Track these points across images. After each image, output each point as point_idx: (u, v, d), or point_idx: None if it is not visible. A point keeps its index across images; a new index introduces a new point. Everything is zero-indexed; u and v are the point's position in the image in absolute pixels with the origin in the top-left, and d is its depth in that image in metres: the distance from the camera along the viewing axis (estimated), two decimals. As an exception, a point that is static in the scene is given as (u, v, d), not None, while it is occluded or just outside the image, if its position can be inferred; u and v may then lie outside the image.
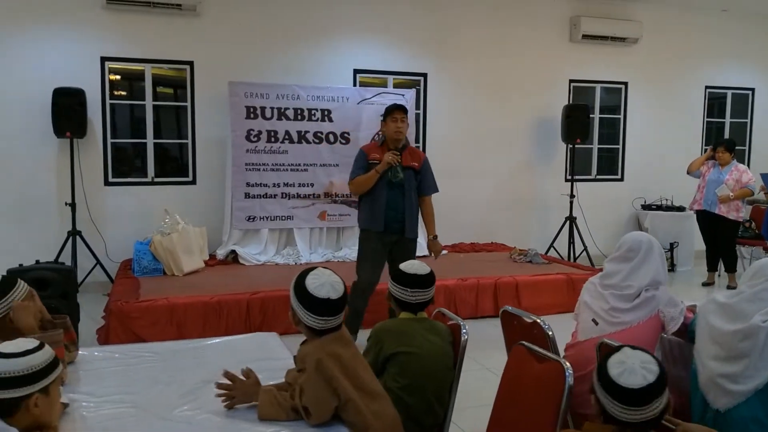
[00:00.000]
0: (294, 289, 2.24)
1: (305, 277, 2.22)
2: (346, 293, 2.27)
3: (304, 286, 2.20)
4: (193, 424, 2.05)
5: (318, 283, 2.20)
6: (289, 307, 2.26)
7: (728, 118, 9.86)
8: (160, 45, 7.29)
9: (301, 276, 2.25)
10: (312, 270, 2.27)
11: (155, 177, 7.50)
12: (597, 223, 8.88)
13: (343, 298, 2.24)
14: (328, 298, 2.18)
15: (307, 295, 2.18)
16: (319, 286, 2.19)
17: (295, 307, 2.22)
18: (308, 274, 2.24)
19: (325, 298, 2.18)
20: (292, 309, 2.24)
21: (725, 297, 2.73)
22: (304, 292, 2.19)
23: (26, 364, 1.79)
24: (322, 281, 2.21)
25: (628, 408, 1.75)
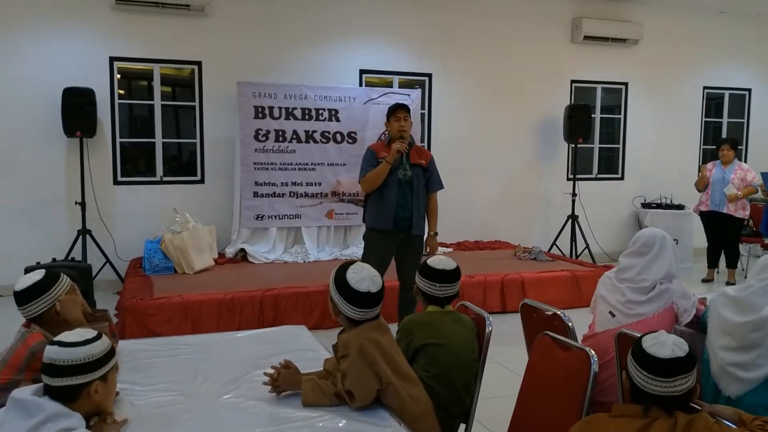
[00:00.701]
0: (335, 283, 2.34)
1: (345, 272, 2.33)
2: (384, 286, 2.37)
3: (345, 280, 2.31)
4: (241, 411, 2.15)
5: (359, 278, 2.31)
6: (329, 300, 2.36)
7: (726, 118, 10.00)
8: (169, 45, 7.37)
9: (341, 271, 2.35)
10: (351, 264, 2.37)
11: (164, 176, 7.58)
12: (598, 221, 9.00)
13: (382, 290, 2.35)
14: (369, 291, 2.29)
15: (348, 289, 2.29)
16: (359, 280, 2.30)
17: (335, 299, 2.32)
18: (348, 268, 2.35)
19: (365, 291, 2.29)
20: (332, 301, 2.34)
21: (735, 291, 2.85)
22: (345, 286, 2.30)
23: (87, 353, 1.89)
24: (362, 275, 2.32)
25: (653, 378, 1.83)
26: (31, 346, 2.38)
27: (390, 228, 5.16)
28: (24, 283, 2.50)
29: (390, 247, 5.25)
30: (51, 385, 1.86)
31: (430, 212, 5.38)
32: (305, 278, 6.38)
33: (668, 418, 1.84)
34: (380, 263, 5.33)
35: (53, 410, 1.79)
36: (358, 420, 2.10)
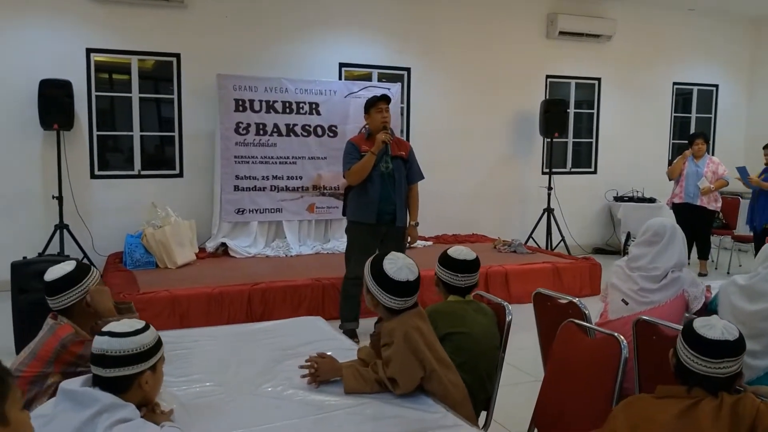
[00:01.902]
0: (372, 274, 2.34)
1: (382, 263, 2.33)
2: (420, 274, 2.38)
3: (383, 271, 2.31)
4: (284, 399, 2.14)
5: (396, 268, 2.31)
6: (365, 292, 2.36)
7: (694, 113, 10.27)
8: (147, 37, 7.24)
9: (377, 262, 2.36)
10: (385, 255, 2.38)
11: (142, 170, 7.44)
12: (572, 214, 9.16)
13: (419, 278, 2.36)
14: (407, 281, 2.30)
15: (387, 279, 2.30)
16: (397, 270, 2.31)
17: (373, 291, 2.33)
18: (384, 259, 2.35)
19: (404, 280, 2.29)
20: (370, 293, 2.34)
21: (744, 279, 2.95)
22: (383, 277, 2.30)
23: (139, 343, 1.86)
24: (399, 265, 2.32)
25: (701, 357, 1.88)
26: (61, 338, 2.33)
27: (373, 221, 5.19)
28: (56, 274, 2.45)
29: (373, 240, 5.27)
30: (102, 376, 1.83)
31: (411, 203, 5.42)
32: (290, 272, 6.36)
33: (713, 399, 1.89)
34: (364, 257, 5.30)
35: (108, 401, 1.76)
36: (405, 406, 2.12)
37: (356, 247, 5.32)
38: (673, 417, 1.89)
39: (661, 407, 1.94)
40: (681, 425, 1.88)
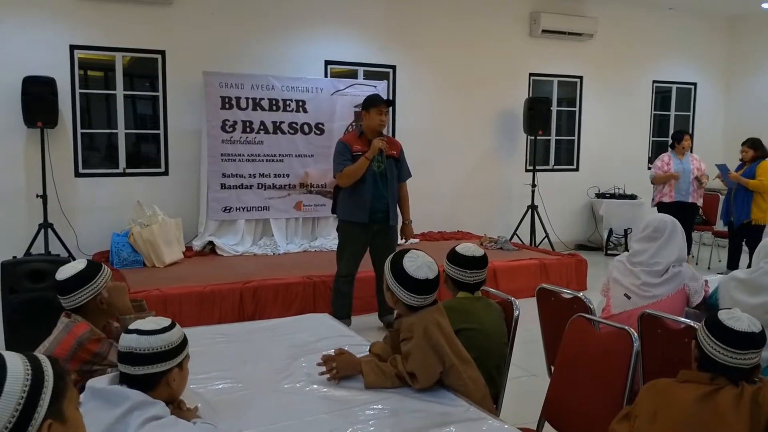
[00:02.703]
0: (392, 272, 2.36)
1: (402, 261, 2.35)
2: (440, 271, 2.40)
3: (403, 269, 2.32)
4: (307, 395, 2.15)
5: (416, 266, 2.33)
6: (385, 289, 2.38)
7: (673, 111, 10.44)
8: (131, 34, 7.15)
9: (397, 260, 2.37)
10: (406, 253, 2.39)
11: (127, 168, 7.36)
12: (554, 211, 9.25)
13: (438, 276, 2.38)
14: (427, 278, 2.32)
15: (407, 277, 2.31)
16: (417, 268, 2.32)
17: (393, 288, 2.34)
18: (404, 257, 2.37)
19: (424, 278, 2.31)
20: (390, 290, 2.35)
21: (745, 273, 3.03)
22: (403, 275, 2.32)
23: (167, 340, 1.85)
24: (419, 263, 2.34)
25: (726, 349, 1.93)
26: (77, 336, 2.31)
27: (366, 220, 5.22)
28: (67, 273, 2.43)
29: (365, 239, 5.31)
30: (130, 374, 1.82)
31: (403, 201, 5.47)
32: (279, 270, 6.35)
33: (734, 387, 1.94)
34: (356, 255, 5.39)
35: (138, 398, 1.75)
36: (427, 400, 2.14)
37: (348, 246, 5.35)
38: (693, 400, 1.95)
39: (681, 391, 2.00)
40: (700, 409, 1.93)
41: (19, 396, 1.22)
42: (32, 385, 1.25)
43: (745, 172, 7.31)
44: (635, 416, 2.06)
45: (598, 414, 2.43)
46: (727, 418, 1.90)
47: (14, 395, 1.22)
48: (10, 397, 1.22)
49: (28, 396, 1.23)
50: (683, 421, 1.95)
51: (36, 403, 1.24)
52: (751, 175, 7.20)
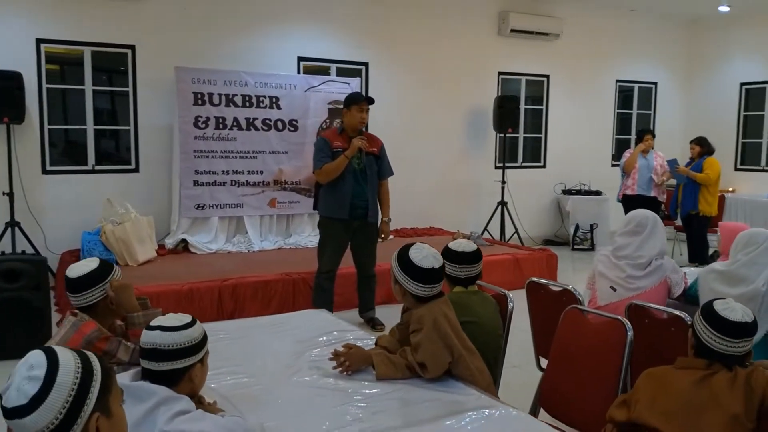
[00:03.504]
0: (399, 264, 2.41)
1: (408, 253, 2.40)
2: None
3: (409, 260, 2.38)
4: (322, 388, 2.18)
5: (421, 256, 2.39)
6: (392, 282, 2.43)
7: (635, 110, 10.72)
8: (100, 28, 7.04)
9: (403, 252, 2.42)
10: (411, 246, 2.45)
11: (96, 165, 7.25)
12: (522, 207, 9.41)
13: (443, 265, 2.44)
14: (433, 268, 2.38)
15: (413, 268, 2.37)
16: (423, 258, 2.38)
17: (401, 280, 2.39)
18: (409, 249, 2.42)
19: (430, 268, 2.37)
20: (398, 283, 2.40)
21: (723, 266, 3.16)
22: (410, 265, 2.37)
23: (189, 336, 1.87)
24: (424, 254, 2.40)
25: (722, 337, 2.06)
26: (86, 335, 2.30)
27: (346, 217, 5.25)
28: (79, 271, 2.42)
29: (346, 236, 5.35)
30: (153, 370, 1.83)
31: (383, 198, 5.52)
32: (256, 267, 6.33)
33: (728, 372, 2.06)
34: (336, 251, 5.43)
35: (164, 394, 1.77)
36: (439, 390, 2.20)
37: (329, 242, 5.37)
38: (689, 385, 2.07)
39: (678, 376, 2.11)
40: (697, 392, 2.05)
41: (71, 387, 1.26)
42: (82, 377, 1.29)
43: (694, 166, 7.71)
44: (635, 401, 2.16)
45: (594, 401, 2.53)
46: (723, 399, 2.02)
47: (66, 386, 1.26)
48: (62, 387, 1.26)
49: (78, 388, 1.27)
50: (681, 404, 2.06)
51: (86, 395, 1.28)
52: (699, 169, 7.63)
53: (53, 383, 1.26)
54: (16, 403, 1.25)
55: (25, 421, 1.25)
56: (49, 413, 1.24)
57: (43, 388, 1.25)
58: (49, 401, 1.25)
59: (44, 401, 1.25)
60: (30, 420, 1.24)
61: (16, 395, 1.26)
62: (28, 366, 1.29)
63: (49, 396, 1.25)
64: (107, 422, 1.32)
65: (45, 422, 1.24)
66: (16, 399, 1.26)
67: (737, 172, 10.23)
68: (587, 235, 9.48)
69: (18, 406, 1.25)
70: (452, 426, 1.92)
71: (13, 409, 1.25)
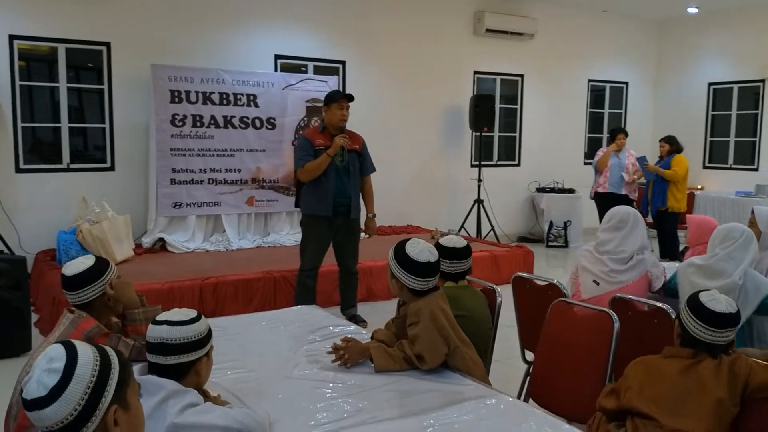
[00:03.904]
0: (395, 259, 2.46)
1: (404, 248, 2.45)
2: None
3: (406, 255, 2.43)
4: (322, 380, 2.22)
5: (418, 250, 2.44)
6: (389, 277, 2.48)
7: (607, 109, 10.92)
8: (75, 24, 6.95)
9: (400, 247, 2.47)
10: (407, 241, 2.50)
11: (71, 163, 7.16)
12: (498, 205, 9.53)
13: (439, 260, 2.49)
14: (429, 262, 2.43)
15: (410, 262, 2.42)
16: (419, 252, 2.43)
17: (398, 274, 2.44)
18: (405, 244, 2.47)
19: (426, 261, 2.42)
20: (395, 277, 2.45)
21: (702, 260, 3.27)
22: (407, 260, 2.42)
23: (196, 330, 1.90)
24: (420, 248, 2.45)
25: (708, 328, 2.15)
26: (86, 332, 2.30)
27: (330, 214, 5.26)
28: (76, 268, 2.41)
29: (329, 233, 5.36)
30: (161, 364, 1.85)
31: (366, 195, 5.55)
32: (235, 266, 6.31)
33: (713, 359, 2.16)
34: (319, 249, 5.44)
35: (172, 387, 1.79)
36: (438, 381, 2.25)
37: (311, 240, 5.38)
38: (677, 372, 2.16)
39: (666, 364, 2.21)
40: (684, 380, 2.15)
41: (89, 380, 1.29)
42: (101, 370, 1.31)
43: (662, 164, 7.89)
44: (625, 389, 2.24)
45: (583, 390, 2.61)
46: (709, 385, 2.11)
47: (84, 379, 1.28)
48: (80, 380, 1.28)
49: (96, 380, 1.30)
50: (669, 391, 2.15)
51: (104, 387, 1.30)
52: (667, 167, 7.79)
53: (72, 375, 1.28)
54: (36, 395, 1.27)
55: (44, 412, 1.26)
56: (67, 405, 1.26)
57: (62, 380, 1.27)
58: (67, 393, 1.27)
59: (63, 393, 1.27)
60: (49, 411, 1.26)
61: (36, 387, 1.28)
62: (47, 359, 1.31)
63: (67, 388, 1.27)
64: (125, 415, 1.34)
65: (64, 414, 1.26)
66: (36, 391, 1.27)
67: (706, 170, 10.49)
68: (561, 232, 9.63)
69: (37, 398, 1.27)
70: (453, 415, 1.97)
71: (33, 401, 1.27)
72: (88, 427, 1.28)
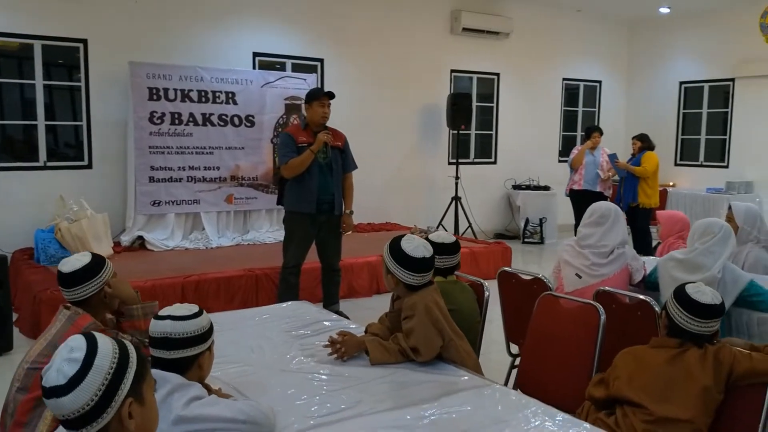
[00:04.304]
0: (391, 255, 2.50)
1: (399, 244, 2.49)
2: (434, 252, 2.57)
3: (401, 250, 2.47)
4: (319, 373, 2.26)
5: (413, 246, 2.48)
6: (385, 273, 2.52)
7: (581, 107, 11.08)
8: (51, 21, 6.88)
9: (395, 243, 2.51)
10: (402, 237, 2.54)
11: (47, 161, 7.08)
12: (474, 202, 9.62)
13: (434, 256, 2.55)
14: (424, 257, 2.48)
15: (405, 258, 2.46)
16: (414, 248, 2.48)
17: (393, 270, 2.48)
18: (401, 240, 2.52)
19: (421, 257, 2.47)
20: (390, 272, 2.49)
21: (682, 254, 3.36)
22: (402, 256, 2.47)
23: (199, 325, 1.92)
24: (416, 244, 2.50)
25: (694, 319, 2.24)
26: (83, 328, 2.30)
27: (313, 211, 5.28)
28: (73, 266, 2.41)
29: (312, 230, 5.38)
30: (164, 359, 1.88)
31: (346, 191, 5.56)
32: (216, 264, 6.31)
33: (698, 349, 2.25)
34: (302, 246, 5.46)
35: (177, 381, 1.82)
36: (433, 372, 2.30)
37: (295, 237, 5.40)
38: (664, 361, 2.25)
39: (653, 354, 2.30)
40: (671, 368, 2.23)
41: (107, 371, 1.32)
42: (119, 363, 1.34)
43: (634, 161, 8.09)
44: (614, 378, 2.32)
45: (570, 381, 2.68)
46: (695, 374, 2.20)
47: (103, 370, 1.31)
48: (99, 370, 1.31)
49: (114, 372, 1.33)
50: (657, 379, 2.24)
51: (121, 379, 1.33)
52: (638, 163, 7.98)
53: (91, 366, 1.31)
54: (55, 383, 1.30)
55: (62, 400, 1.29)
56: (85, 394, 1.29)
57: (81, 370, 1.30)
58: (86, 383, 1.29)
59: (81, 382, 1.29)
60: (67, 400, 1.29)
61: (56, 375, 1.30)
62: (68, 349, 1.34)
63: (86, 378, 1.30)
64: (139, 408, 1.37)
65: (81, 403, 1.29)
66: (55, 379, 1.30)
67: (677, 167, 10.71)
68: (537, 229, 9.76)
69: (56, 386, 1.29)
70: (452, 405, 2.03)
71: (52, 389, 1.30)
72: (103, 418, 1.31)
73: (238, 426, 1.79)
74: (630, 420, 2.17)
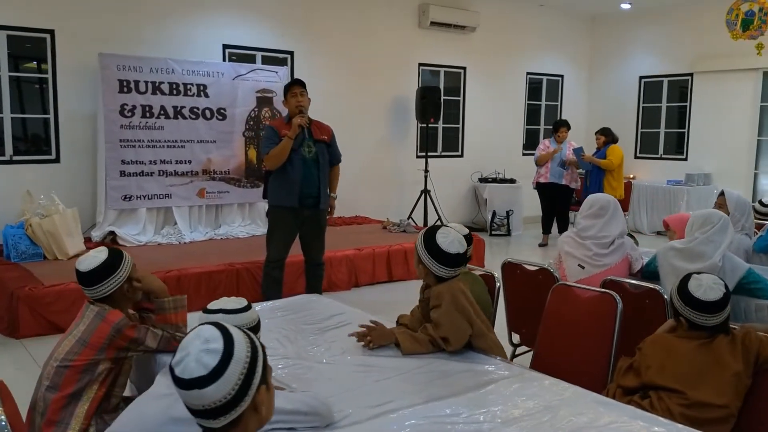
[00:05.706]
0: (425, 247, 2.51)
1: (435, 237, 2.50)
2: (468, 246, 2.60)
3: (436, 244, 2.48)
4: (353, 364, 2.27)
5: (448, 241, 2.50)
6: (416, 263, 2.53)
7: (544, 101, 11.28)
8: (16, 11, 6.64)
9: (430, 235, 2.52)
10: (438, 229, 2.55)
11: (14, 155, 6.84)
12: (442, 195, 9.70)
13: (467, 250, 2.57)
14: (458, 253, 2.50)
15: (440, 252, 2.48)
16: (450, 243, 2.50)
17: (426, 262, 2.50)
18: (436, 233, 2.53)
19: (456, 252, 2.49)
20: (423, 264, 2.51)
21: (682, 243, 3.47)
22: (437, 249, 2.48)
23: (250, 317, 1.93)
24: (451, 239, 2.51)
25: (705, 315, 2.35)
26: (114, 324, 2.27)
27: (296, 205, 5.23)
28: (90, 264, 2.36)
29: (295, 224, 5.33)
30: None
31: (332, 180, 5.55)
32: (191, 259, 6.21)
33: (726, 336, 2.35)
34: (286, 240, 5.42)
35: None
36: (469, 362, 2.34)
37: (278, 231, 5.35)
38: (694, 348, 2.35)
39: (682, 342, 2.39)
40: (702, 356, 2.33)
41: (245, 360, 1.33)
42: (253, 351, 1.35)
43: (598, 154, 8.33)
44: (645, 367, 2.40)
45: (588, 368, 2.76)
46: (726, 360, 2.30)
47: (241, 359, 1.32)
48: (238, 360, 1.32)
49: (250, 361, 1.34)
50: (690, 367, 2.33)
51: (255, 368, 1.35)
52: (603, 157, 8.23)
53: (231, 356, 1.31)
54: (197, 374, 1.29)
55: (205, 391, 1.28)
56: (227, 385, 1.29)
57: (222, 360, 1.30)
58: (228, 373, 1.30)
59: (224, 373, 1.29)
60: (209, 391, 1.28)
61: (196, 366, 1.29)
62: (203, 339, 1.33)
63: (228, 368, 1.30)
64: (266, 394, 1.38)
65: (224, 392, 1.29)
66: (196, 370, 1.29)
67: (637, 160, 11.01)
68: (503, 221, 9.90)
69: (198, 377, 1.29)
70: (495, 391, 2.07)
71: (194, 380, 1.29)
72: (241, 406, 1.31)
73: (299, 418, 1.79)
74: (665, 403, 2.25)
